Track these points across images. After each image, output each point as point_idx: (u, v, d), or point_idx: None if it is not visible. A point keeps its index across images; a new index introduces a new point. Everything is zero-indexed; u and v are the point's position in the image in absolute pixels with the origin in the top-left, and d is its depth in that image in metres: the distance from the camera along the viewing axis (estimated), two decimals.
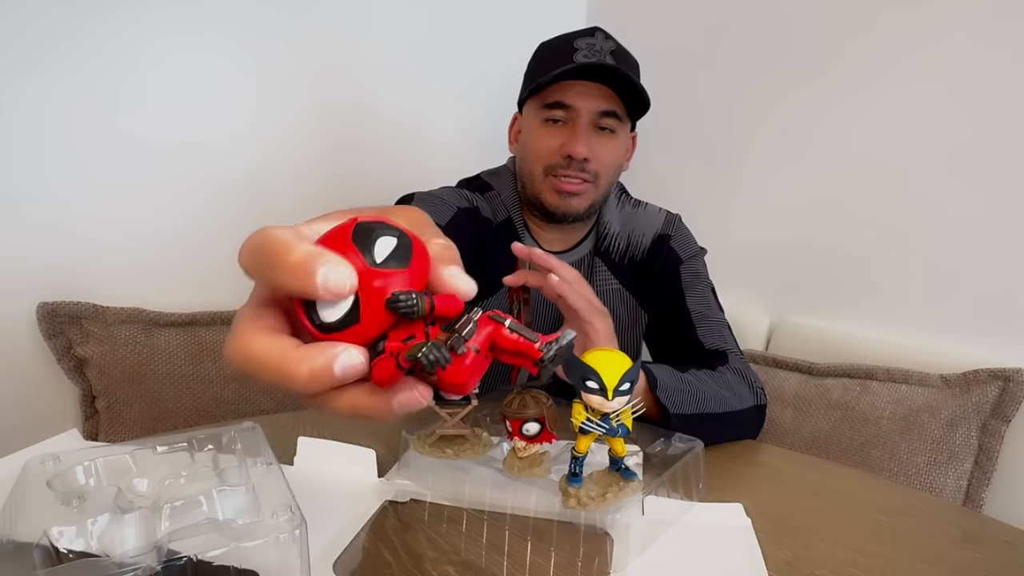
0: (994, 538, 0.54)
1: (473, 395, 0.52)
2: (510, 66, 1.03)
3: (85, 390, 1.01)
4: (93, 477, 0.42)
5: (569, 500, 0.44)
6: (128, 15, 1.03)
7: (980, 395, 0.95)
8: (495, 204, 0.89)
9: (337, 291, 0.21)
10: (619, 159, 0.86)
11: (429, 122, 1.44)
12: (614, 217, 0.91)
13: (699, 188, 1.46)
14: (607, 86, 0.79)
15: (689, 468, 0.52)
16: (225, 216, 1.18)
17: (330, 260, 0.21)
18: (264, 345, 0.22)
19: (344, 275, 0.21)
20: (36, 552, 0.33)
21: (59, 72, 0.98)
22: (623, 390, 0.42)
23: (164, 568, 0.32)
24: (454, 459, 0.52)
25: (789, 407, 1.10)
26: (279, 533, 0.35)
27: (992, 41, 1.01)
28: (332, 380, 0.21)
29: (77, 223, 1.03)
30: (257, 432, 0.49)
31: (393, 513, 0.52)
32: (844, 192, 1.21)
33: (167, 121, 1.10)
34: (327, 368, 0.21)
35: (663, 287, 0.88)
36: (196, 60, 1.11)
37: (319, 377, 0.21)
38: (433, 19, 1.39)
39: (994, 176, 1.02)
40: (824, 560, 0.48)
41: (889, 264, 1.15)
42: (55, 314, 0.98)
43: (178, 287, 1.13)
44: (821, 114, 1.24)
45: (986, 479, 0.94)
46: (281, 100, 1.22)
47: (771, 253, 1.33)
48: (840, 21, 1.20)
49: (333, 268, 0.21)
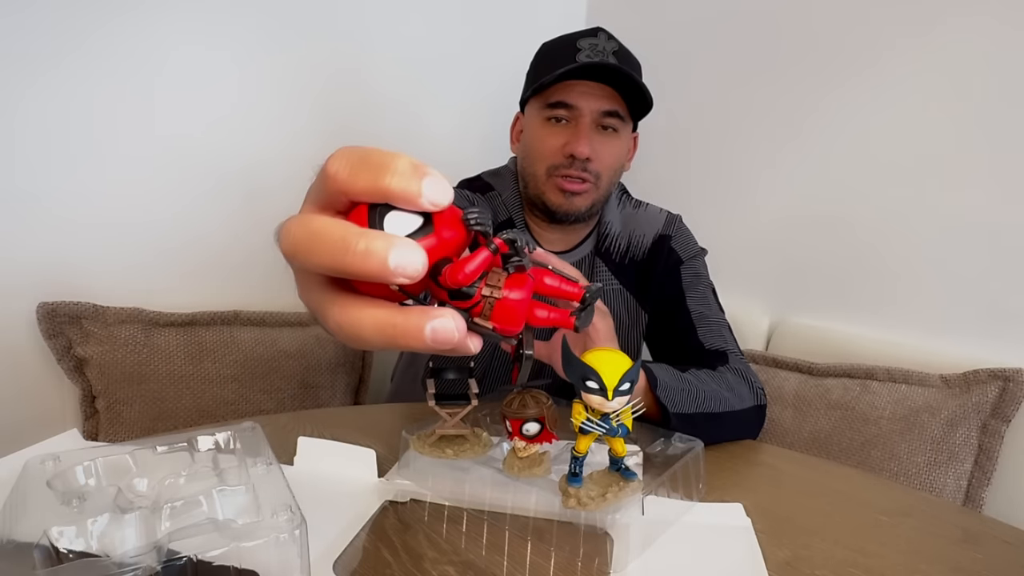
0: (994, 538, 0.54)
1: (473, 395, 0.52)
2: (511, 66, 1.03)
3: (85, 390, 1.01)
4: (93, 477, 0.42)
5: (569, 500, 0.44)
6: (129, 16, 1.03)
7: (980, 395, 0.95)
8: (496, 205, 0.89)
9: (439, 201, 0.22)
10: (621, 159, 0.86)
11: (429, 122, 1.44)
12: (615, 217, 0.91)
13: (699, 188, 1.46)
14: (610, 86, 0.79)
15: (689, 468, 0.52)
16: (226, 217, 1.18)
17: (433, 172, 0.22)
18: (327, 222, 0.22)
19: (445, 187, 0.22)
20: (36, 552, 0.33)
21: (59, 73, 0.98)
22: (623, 390, 0.42)
23: (164, 568, 0.32)
24: (454, 459, 0.52)
25: (789, 407, 1.10)
26: (279, 533, 0.35)
27: (993, 38, 1.01)
28: (384, 268, 0.21)
29: (77, 223, 1.03)
30: (257, 432, 0.49)
31: (393, 513, 0.52)
32: (844, 192, 1.21)
33: (167, 122, 1.10)
34: (384, 252, 0.21)
35: (664, 287, 0.88)
36: (196, 60, 1.11)
37: (375, 255, 0.21)
38: (434, 19, 1.39)
39: (994, 176, 1.02)
40: (824, 560, 0.48)
41: (889, 264, 1.15)
42: (55, 314, 0.98)
43: (178, 287, 1.13)
44: (821, 114, 1.24)
45: (986, 479, 0.94)
46: (282, 100, 1.22)
47: (771, 253, 1.34)
48: (840, 22, 1.20)
49: (435, 180, 0.22)
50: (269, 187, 1.23)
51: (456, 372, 0.49)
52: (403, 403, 0.85)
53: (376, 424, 0.70)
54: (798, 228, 1.29)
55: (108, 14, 1.02)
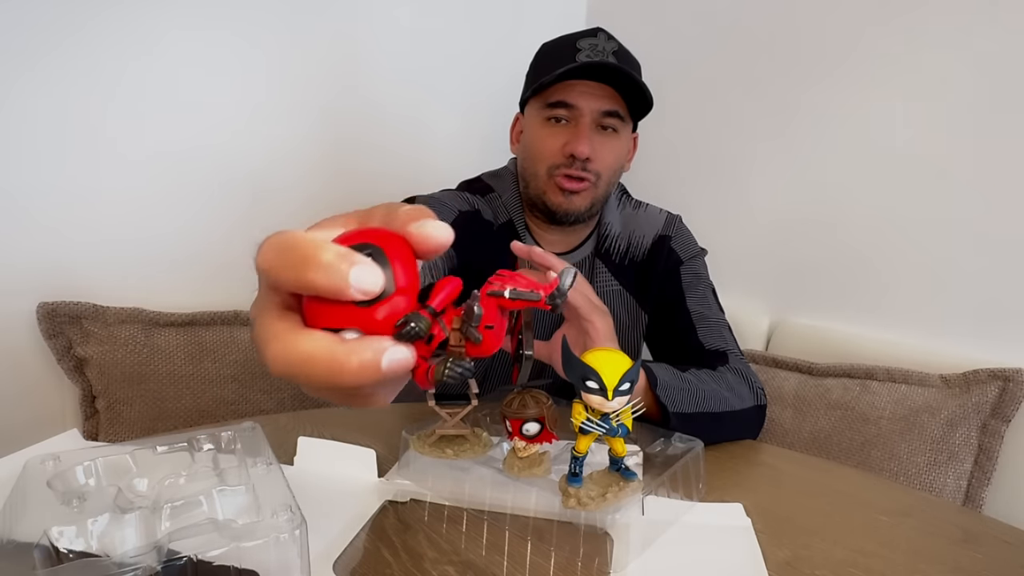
0: (994, 538, 0.54)
1: (473, 395, 0.53)
2: (511, 67, 1.03)
3: (85, 390, 1.01)
4: (93, 477, 0.42)
5: (569, 500, 0.44)
6: (131, 15, 1.03)
7: (980, 395, 0.95)
8: (496, 206, 0.89)
9: (369, 289, 0.22)
10: (621, 159, 0.86)
11: (430, 123, 1.44)
12: (615, 218, 0.91)
13: (699, 189, 1.46)
14: (610, 86, 0.79)
15: (689, 468, 0.52)
16: (226, 216, 1.18)
17: (362, 261, 0.22)
18: (310, 344, 0.22)
19: (375, 275, 0.22)
20: (36, 552, 0.33)
21: (59, 70, 0.98)
22: (623, 390, 0.42)
23: (164, 568, 0.32)
24: (454, 459, 0.52)
25: (789, 407, 1.10)
26: (279, 533, 0.35)
27: (991, 41, 1.01)
28: (378, 375, 0.22)
29: (77, 223, 1.03)
30: (257, 432, 0.49)
31: (393, 513, 0.52)
32: (844, 192, 1.21)
33: (168, 121, 1.10)
34: (375, 361, 0.22)
35: (663, 288, 0.88)
36: (197, 61, 1.11)
37: (367, 368, 0.22)
38: (434, 20, 1.39)
39: (994, 176, 1.02)
40: (824, 560, 0.48)
41: (889, 264, 1.15)
42: (55, 314, 0.98)
43: (178, 287, 1.13)
44: (821, 114, 1.24)
45: (986, 479, 0.94)
46: (282, 100, 1.22)
47: (771, 253, 1.34)
48: (839, 23, 1.20)
49: (364, 269, 0.22)
50: (269, 187, 1.23)
51: None
52: (403, 403, 0.85)
53: (376, 424, 0.70)
54: (798, 228, 1.29)
55: (115, 14, 1.02)
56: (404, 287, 0.23)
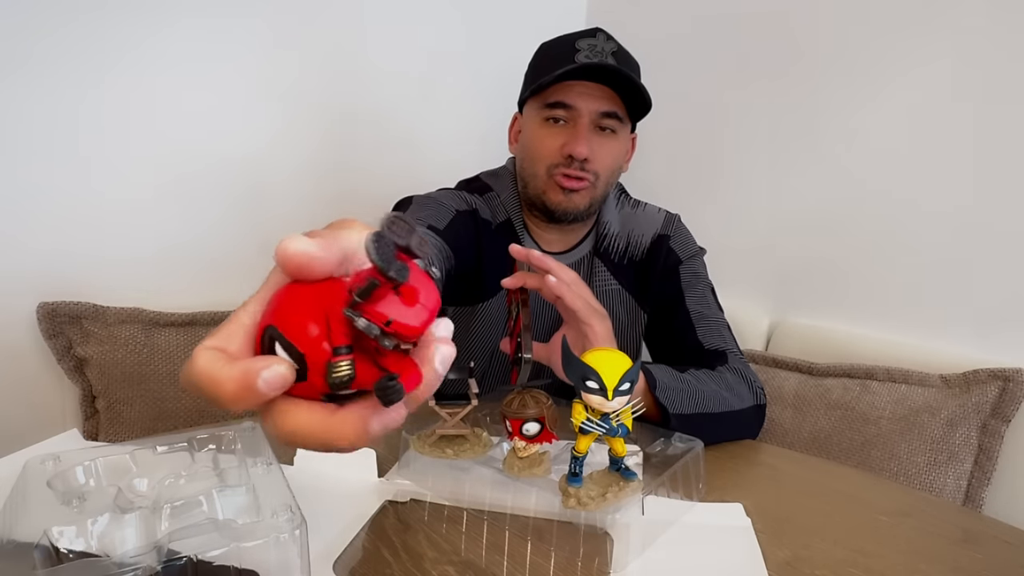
0: (994, 538, 0.54)
1: (473, 395, 0.53)
2: (509, 67, 1.03)
3: (85, 390, 1.01)
4: (93, 477, 0.42)
5: (569, 500, 0.45)
6: (133, 19, 1.03)
7: (980, 395, 0.95)
8: (494, 206, 0.89)
9: (281, 387, 0.23)
10: (619, 160, 0.86)
11: (429, 123, 1.44)
12: (613, 217, 0.91)
13: (699, 188, 1.46)
14: (608, 87, 0.79)
15: (689, 468, 0.52)
16: (226, 216, 1.18)
17: (258, 368, 0.22)
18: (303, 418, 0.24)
19: (278, 372, 0.23)
20: (36, 552, 0.33)
21: (59, 71, 0.98)
22: (623, 390, 0.42)
23: (164, 568, 0.32)
24: (454, 459, 0.52)
25: (789, 407, 1.10)
26: (279, 533, 0.35)
27: (992, 41, 1.01)
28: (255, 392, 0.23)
29: (77, 223, 1.03)
30: (257, 432, 0.49)
31: (393, 513, 0.52)
32: (844, 192, 1.21)
33: (168, 122, 1.10)
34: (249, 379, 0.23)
35: (662, 287, 0.88)
36: (198, 63, 1.11)
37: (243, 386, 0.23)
38: (433, 20, 1.39)
39: (994, 176, 1.02)
40: (824, 560, 0.48)
41: (889, 264, 1.15)
42: (55, 314, 0.98)
43: (178, 287, 1.13)
44: (820, 114, 1.24)
45: (986, 479, 0.94)
46: (280, 101, 1.22)
47: (771, 253, 1.33)
48: (838, 24, 1.20)
49: (267, 373, 0.22)
50: (270, 188, 1.23)
51: (456, 372, 0.49)
52: None
53: None
54: (798, 228, 1.29)
55: (117, 18, 1.02)
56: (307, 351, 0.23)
